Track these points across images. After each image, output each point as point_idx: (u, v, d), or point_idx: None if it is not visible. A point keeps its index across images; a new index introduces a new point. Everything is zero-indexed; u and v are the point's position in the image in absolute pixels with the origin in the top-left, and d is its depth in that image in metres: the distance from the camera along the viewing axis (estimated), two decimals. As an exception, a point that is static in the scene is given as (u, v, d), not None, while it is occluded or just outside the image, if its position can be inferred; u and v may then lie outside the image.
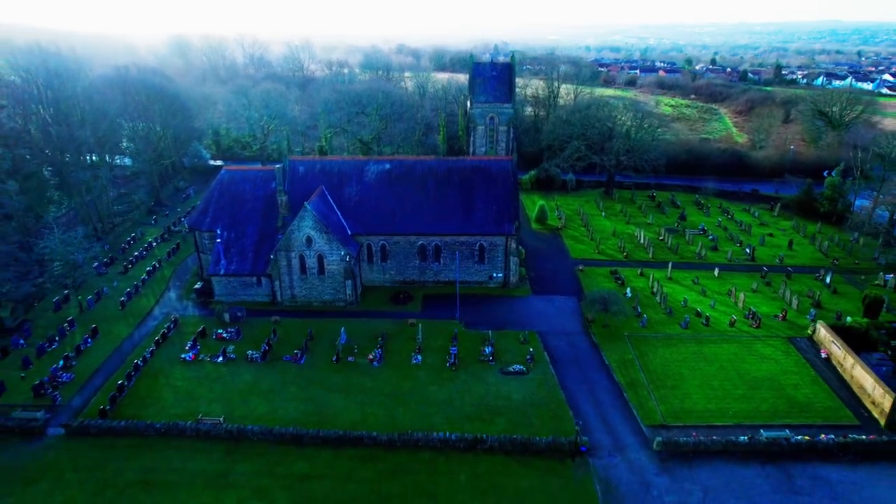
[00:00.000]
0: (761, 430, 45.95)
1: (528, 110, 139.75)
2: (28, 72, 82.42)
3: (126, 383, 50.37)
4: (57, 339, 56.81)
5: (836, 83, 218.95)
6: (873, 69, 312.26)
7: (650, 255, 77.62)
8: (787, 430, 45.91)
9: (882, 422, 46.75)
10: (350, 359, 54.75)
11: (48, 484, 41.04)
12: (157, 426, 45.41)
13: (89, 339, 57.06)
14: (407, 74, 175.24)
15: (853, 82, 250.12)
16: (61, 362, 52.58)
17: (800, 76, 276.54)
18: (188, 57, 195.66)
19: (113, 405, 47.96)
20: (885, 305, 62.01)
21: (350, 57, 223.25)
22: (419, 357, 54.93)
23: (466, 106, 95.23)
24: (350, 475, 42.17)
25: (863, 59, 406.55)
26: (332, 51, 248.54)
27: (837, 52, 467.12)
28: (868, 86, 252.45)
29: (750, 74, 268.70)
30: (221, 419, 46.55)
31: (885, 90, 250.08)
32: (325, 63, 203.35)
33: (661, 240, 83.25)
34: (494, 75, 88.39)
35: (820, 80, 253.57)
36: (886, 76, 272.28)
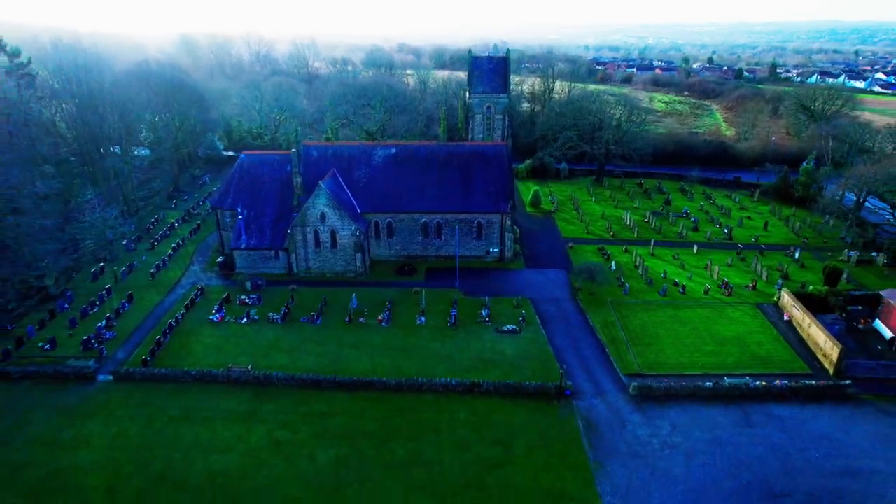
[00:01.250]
0: (725, 378, 52.23)
1: (525, 105, 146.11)
2: (59, 66, 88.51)
3: (163, 339, 56.75)
4: (97, 304, 63.19)
5: (830, 81, 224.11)
6: (869, 68, 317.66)
7: (635, 235, 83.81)
8: (748, 378, 52.22)
9: (831, 370, 53.05)
10: (361, 320, 61.07)
11: (103, 418, 47.34)
12: (193, 373, 51.75)
13: (126, 304, 63.46)
14: (409, 72, 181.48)
15: (846, 80, 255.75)
16: (104, 322, 59.00)
17: (795, 75, 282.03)
18: (195, 54, 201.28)
19: (152, 357, 54.31)
20: (844, 276, 68.31)
21: (352, 55, 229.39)
22: (423, 318, 61.24)
23: (465, 98, 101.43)
24: (363, 413, 48.39)
25: (860, 58, 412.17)
26: (333, 49, 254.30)
27: (835, 51, 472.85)
28: (861, 84, 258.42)
29: (746, 73, 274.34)
30: (249, 367, 52.88)
31: (877, 88, 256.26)
32: (330, 60, 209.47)
33: (646, 221, 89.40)
34: (491, 68, 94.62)
35: (814, 78, 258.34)
36: (879, 75, 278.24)
